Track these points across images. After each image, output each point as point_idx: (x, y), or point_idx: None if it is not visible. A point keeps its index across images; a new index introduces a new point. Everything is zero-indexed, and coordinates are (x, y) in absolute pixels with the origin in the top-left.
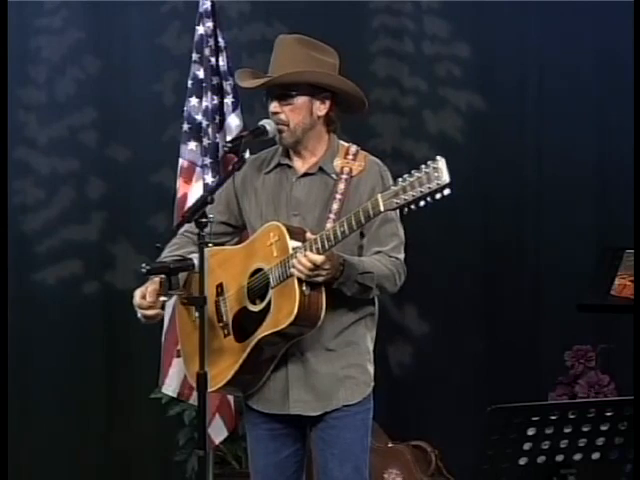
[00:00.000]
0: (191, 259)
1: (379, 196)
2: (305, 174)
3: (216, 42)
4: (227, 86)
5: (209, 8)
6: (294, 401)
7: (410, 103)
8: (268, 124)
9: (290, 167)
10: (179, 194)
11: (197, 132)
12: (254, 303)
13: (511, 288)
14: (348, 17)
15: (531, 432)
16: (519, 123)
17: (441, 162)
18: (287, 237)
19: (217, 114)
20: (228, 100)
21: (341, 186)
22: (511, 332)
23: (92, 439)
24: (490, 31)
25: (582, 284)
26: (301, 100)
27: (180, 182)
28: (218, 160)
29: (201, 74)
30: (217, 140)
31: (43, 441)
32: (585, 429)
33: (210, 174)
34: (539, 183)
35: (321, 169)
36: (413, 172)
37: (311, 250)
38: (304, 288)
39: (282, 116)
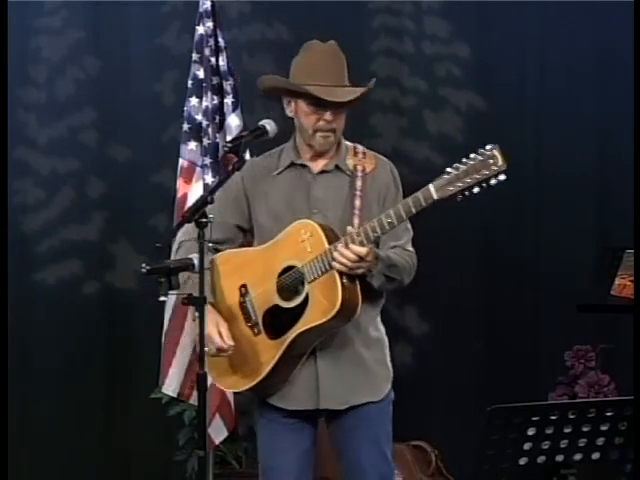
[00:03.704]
0: (191, 259)
1: (430, 185)
2: (322, 172)
3: (216, 42)
4: (227, 86)
5: (209, 8)
6: (324, 395)
7: (410, 103)
8: (268, 124)
9: (304, 166)
10: (179, 194)
11: (197, 132)
12: (286, 300)
13: (511, 288)
14: (348, 17)
15: (531, 432)
16: (519, 123)
17: (495, 149)
18: (321, 233)
19: (217, 114)
20: (228, 100)
21: (359, 183)
22: (511, 332)
23: (92, 439)
24: (490, 31)
25: (582, 284)
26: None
27: (180, 182)
28: (218, 160)
29: (201, 74)
30: (217, 140)
31: (43, 441)
32: (585, 429)
33: (210, 174)
34: (539, 183)
35: (337, 167)
36: (464, 160)
37: (353, 242)
38: (344, 281)
39: (334, 124)
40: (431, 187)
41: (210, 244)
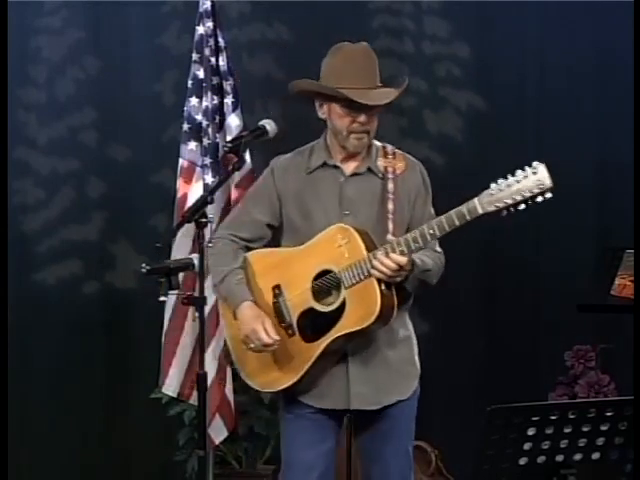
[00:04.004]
0: (191, 259)
1: (476, 200)
2: (354, 174)
3: (216, 42)
4: (227, 86)
5: (209, 8)
6: (355, 396)
7: (410, 103)
8: (268, 124)
9: (336, 167)
10: (179, 194)
11: (197, 132)
12: (322, 304)
13: (511, 288)
14: (348, 17)
15: (531, 432)
16: (519, 123)
17: (541, 167)
18: (359, 239)
19: (217, 114)
20: (228, 100)
21: (390, 185)
22: (511, 332)
23: (92, 439)
24: (490, 31)
25: (582, 284)
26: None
27: (180, 182)
28: (218, 160)
29: (201, 74)
30: (217, 140)
31: (43, 441)
32: (585, 429)
33: (210, 174)
34: None
35: (369, 169)
36: (509, 177)
37: (394, 252)
38: (383, 288)
39: (368, 126)
40: (476, 202)
41: (242, 242)
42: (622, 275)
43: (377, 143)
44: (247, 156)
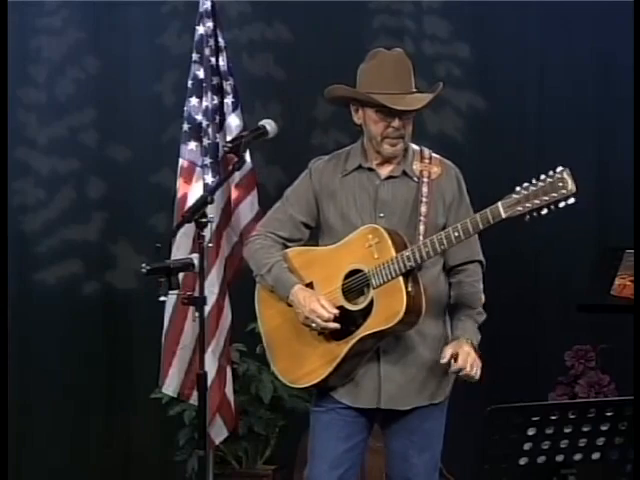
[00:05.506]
0: (191, 259)
1: (499, 204)
2: (389, 177)
3: (216, 42)
4: (227, 86)
5: (209, 8)
6: (386, 396)
7: None
8: (268, 124)
9: (372, 170)
10: (179, 194)
11: (197, 132)
12: (351, 303)
13: (511, 288)
14: (348, 17)
15: (531, 432)
16: (519, 123)
17: (566, 172)
18: (388, 239)
19: (217, 114)
20: (228, 100)
21: (425, 189)
22: (511, 332)
23: (92, 439)
24: (490, 31)
25: (582, 284)
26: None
27: (180, 182)
28: (218, 160)
29: (201, 74)
30: (217, 140)
31: (43, 441)
32: (585, 429)
33: (210, 174)
34: None
35: (404, 172)
36: (534, 181)
37: (420, 253)
38: (409, 289)
39: (402, 131)
40: (500, 206)
41: (281, 240)
42: (622, 275)
43: (414, 147)
44: (247, 156)
